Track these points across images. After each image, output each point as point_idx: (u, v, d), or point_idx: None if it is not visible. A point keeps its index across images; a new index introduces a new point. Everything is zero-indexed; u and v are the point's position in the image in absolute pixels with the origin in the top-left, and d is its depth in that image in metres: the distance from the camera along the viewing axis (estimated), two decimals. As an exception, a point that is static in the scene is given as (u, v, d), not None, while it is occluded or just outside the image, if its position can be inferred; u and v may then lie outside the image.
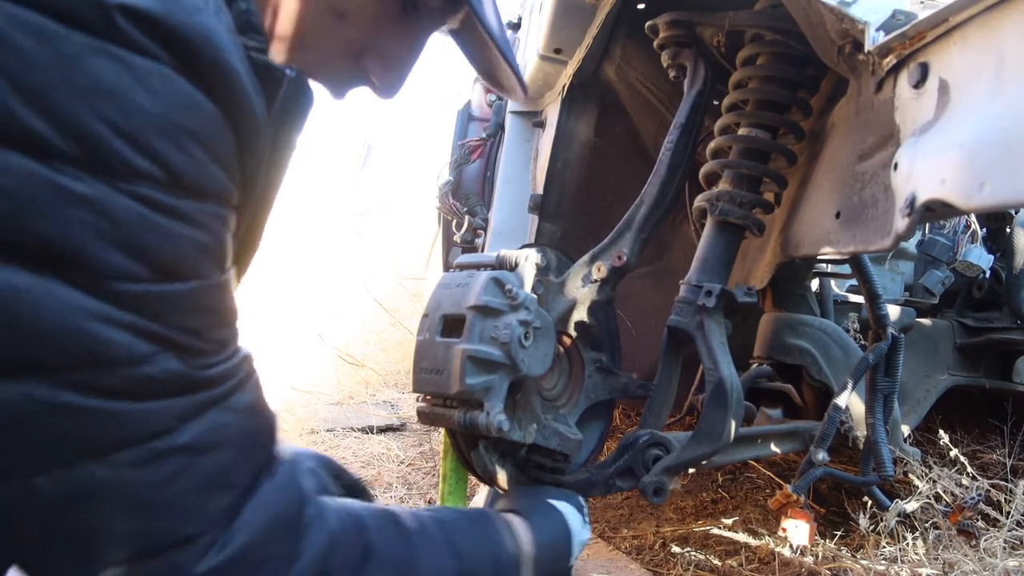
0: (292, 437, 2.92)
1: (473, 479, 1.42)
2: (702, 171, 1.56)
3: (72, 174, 0.53)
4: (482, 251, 2.41)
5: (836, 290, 2.33)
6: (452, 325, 1.20)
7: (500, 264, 1.27)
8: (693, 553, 1.84)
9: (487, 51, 0.94)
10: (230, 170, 0.64)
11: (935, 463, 1.83)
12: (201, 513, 0.62)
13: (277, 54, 0.79)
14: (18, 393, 0.53)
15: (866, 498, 1.67)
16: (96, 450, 0.56)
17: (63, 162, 0.52)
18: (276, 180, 0.80)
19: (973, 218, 2.43)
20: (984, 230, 2.44)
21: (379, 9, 0.84)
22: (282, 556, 0.67)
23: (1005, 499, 1.67)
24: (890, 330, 1.57)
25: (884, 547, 1.62)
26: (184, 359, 0.60)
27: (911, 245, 2.61)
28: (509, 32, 2.80)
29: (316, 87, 0.85)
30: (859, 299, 2.23)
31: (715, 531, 1.98)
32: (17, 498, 0.55)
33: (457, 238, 2.54)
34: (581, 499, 1.20)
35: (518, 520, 1.02)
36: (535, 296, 1.21)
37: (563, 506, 1.12)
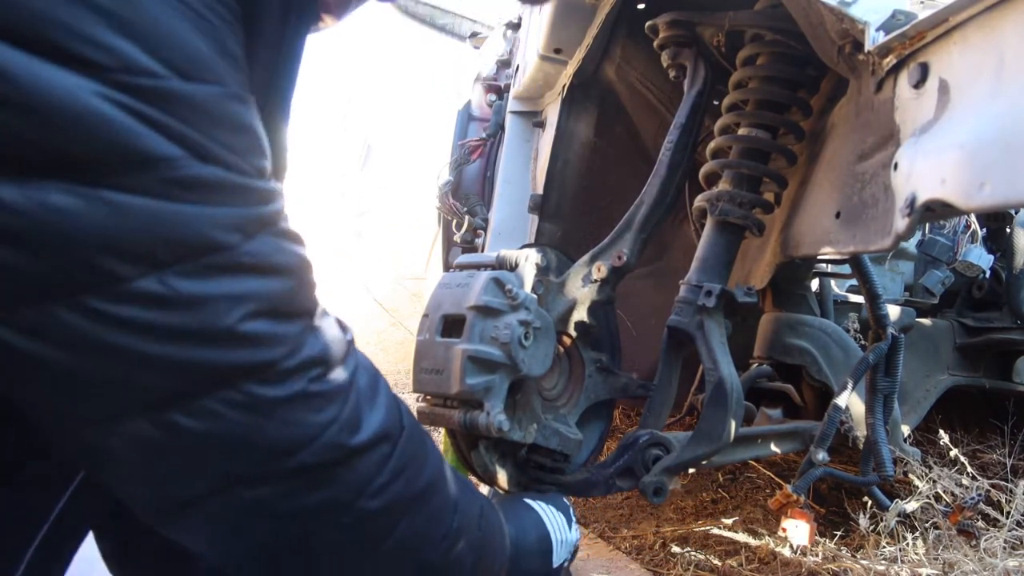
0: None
1: (473, 479, 1.42)
2: (702, 171, 1.56)
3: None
4: (482, 251, 2.41)
5: (836, 290, 2.33)
6: (452, 325, 1.20)
7: (500, 264, 1.27)
8: (693, 553, 1.84)
9: None
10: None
11: (935, 463, 1.83)
12: (273, 339, 0.59)
13: None
14: (47, 196, 0.48)
15: (866, 498, 1.67)
16: (148, 262, 0.51)
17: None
18: (289, 79, 0.75)
19: (973, 218, 2.43)
20: (984, 230, 2.44)
21: None
22: (369, 381, 0.68)
23: (1005, 499, 1.67)
24: (890, 330, 1.57)
25: (884, 547, 1.62)
26: (226, 168, 0.56)
27: (911, 245, 2.61)
28: (509, 32, 2.80)
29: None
30: (859, 299, 2.23)
31: (715, 531, 1.98)
32: (65, 317, 0.50)
33: (457, 238, 2.54)
34: (566, 500, 1.19)
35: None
36: (535, 296, 1.22)
37: (542, 507, 1.12)
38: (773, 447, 1.61)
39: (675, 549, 1.90)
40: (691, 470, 1.41)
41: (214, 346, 0.55)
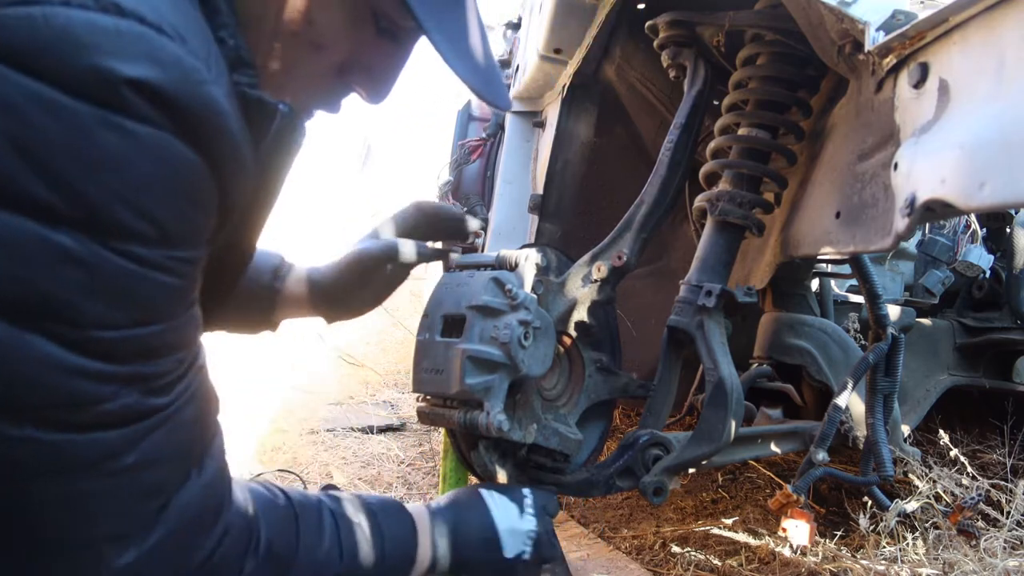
0: (292, 437, 2.93)
1: (473, 479, 1.42)
2: (702, 171, 1.56)
3: (71, 236, 0.57)
4: (482, 251, 2.41)
5: (836, 290, 2.34)
6: (452, 325, 1.20)
7: (500, 264, 1.27)
8: (693, 553, 1.84)
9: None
10: (210, 214, 0.69)
11: (935, 463, 1.83)
12: (134, 516, 0.69)
13: (268, 87, 0.81)
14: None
15: (866, 498, 1.67)
16: (51, 473, 0.62)
17: (65, 226, 0.57)
18: (267, 204, 0.86)
19: (973, 218, 2.44)
20: (984, 230, 2.45)
21: (354, 35, 0.86)
22: (188, 548, 0.74)
23: (1005, 499, 1.67)
24: (890, 330, 1.57)
25: (884, 547, 1.62)
26: (142, 391, 0.66)
27: (911, 245, 2.62)
28: (509, 32, 2.80)
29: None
30: (859, 299, 2.23)
31: (715, 531, 1.98)
32: None
33: (457, 238, 2.54)
34: (529, 492, 1.16)
35: (427, 515, 1.05)
36: (535, 296, 1.21)
37: (491, 496, 1.12)
38: (773, 447, 1.61)
39: (675, 549, 1.89)
40: (691, 470, 1.40)
41: (83, 524, 0.67)
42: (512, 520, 1.10)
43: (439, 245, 1.28)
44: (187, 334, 0.72)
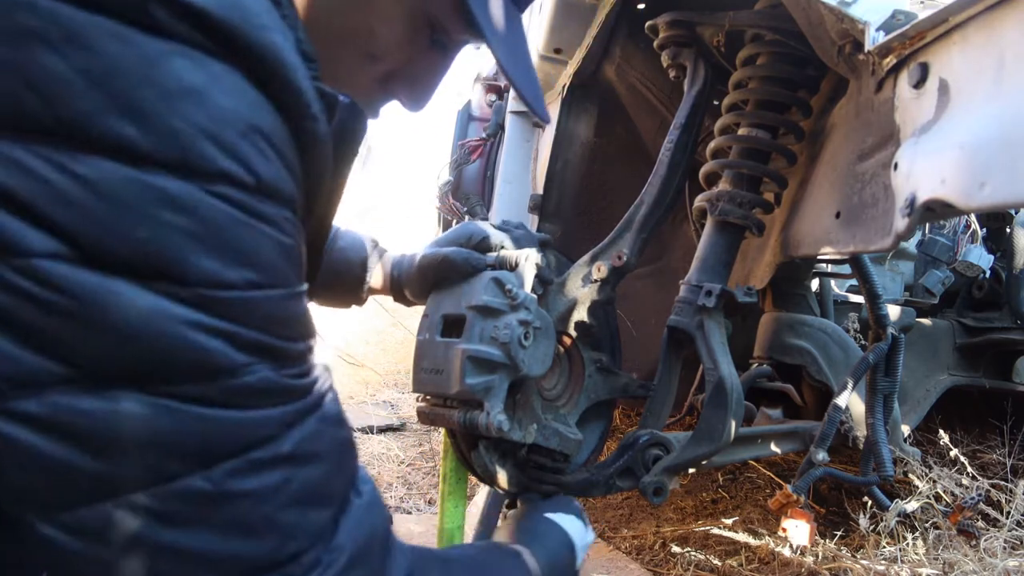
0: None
1: (473, 479, 1.42)
2: (702, 171, 1.56)
3: (165, 177, 0.52)
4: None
5: (836, 290, 2.34)
6: (452, 325, 1.20)
7: (500, 264, 1.27)
8: (693, 553, 1.84)
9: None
10: (297, 180, 0.64)
11: (935, 463, 1.83)
12: (303, 529, 0.60)
13: None
14: (119, 404, 0.51)
15: (866, 498, 1.67)
16: (198, 461, 0.54)
17: (154, 166, 0.52)
18: (334, 203, 0.82)
19: (973, 218, 2.44)
20: (984, 230, 2.45)
21: (410, 46, 0.84)
22: (380, 560, 0.68)
23: (1005, 499, 1.67)
24: (890, 330, 1.57)
25: (884, 547, 1.62)
26: (278, 368, 0.59)
27: (911, 245, 2.62)
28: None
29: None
30: (859, 299, 2.24)
31: (715, 531, 1.98)
32: (116, 515, 0.52)
33: (457, 238, 2.54)
34: (577, 503, 1.21)
35: (523, 549, 1.04)
36: (535, 296, 1.21)
37: (561, 518, 1.13)
38: (773, 447, 1.61)
39: (675, 549, 1.90)
40: (691, 470, 1.40)
41: (253, 538, 0.57)
42: (581, 535, 1.13)
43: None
44: (306, 311, 0.65)
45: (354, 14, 0.79)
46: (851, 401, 1.59)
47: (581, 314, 1.38)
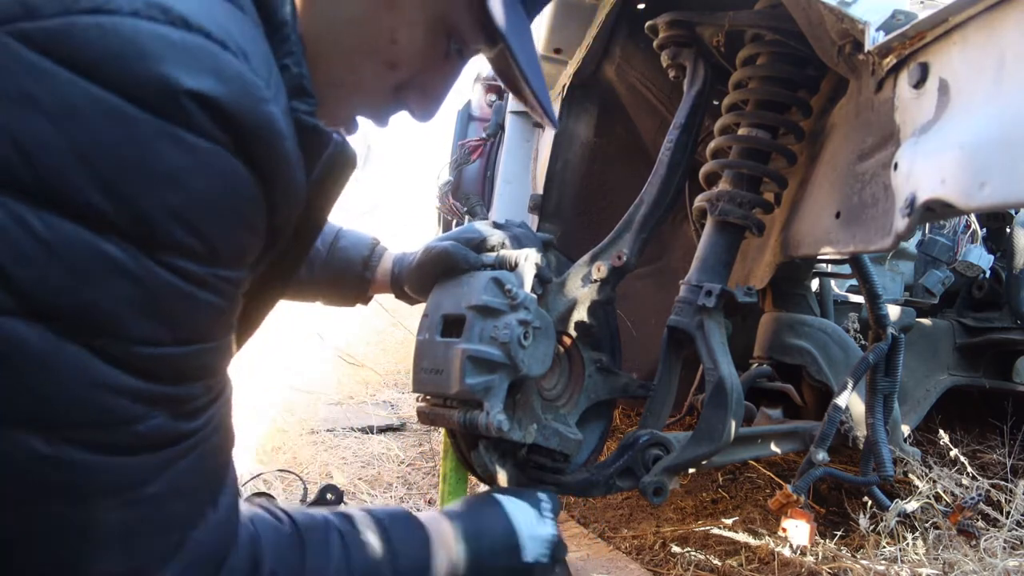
0: (292, 437, 2.93)
1: (473, 479, 1.42)
2: (702, 171, 1.56)
3: (122, 248, 0.57)
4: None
5: (836, 290, 2.34)
6: (452, 325, 1.20)
7: (500, 264, 1.27)
8: (693, 553, 1.84)
9: (519, 82, 0.96)
10: (259, 235, 0.69)
11: (935, 463, 1.83)
12: (150, 550, 0.66)
13: (329, 100, 0.82)
14: (18, 443, 0.57)
15: (866, 498, 1.67)
16: (72, 497, 0.60)
17: (116, 236, 0.57)
18: (313, 228, 0.87)
19: (973, 218, 2.44)
20: (984, 230, 2.45)
21: (428, 55, 0.87)
22: None
23: (1005, 499, 1.67)
24: (890, 330, 1.57)
25: (884, 547, 1.62)
26: (173, 414, 0.65)
27: (911, 245, 2.62)
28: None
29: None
30: (859, 299, 2.24)
31: (715, 531, 1.98)
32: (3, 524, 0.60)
33: (457, 238, 2.54)
34: (545, 497, 1.16)
35: (444, 523, 1.03)
36: (535, 296, 1.21)
37: (508, 501, 1.10)
38: (773, 447, 1.61)
39: (675, 549, 1.90)
40: (691, 470, 1.40)
41: (106, 555, 0.64)
42: (532, 525, 1.09)
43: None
44: (220, 361, 0.71)
45: (376, 22, 0.81)
46: (851, 401, 1.59)
47: (581, 314, 1.38)
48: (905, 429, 1.86)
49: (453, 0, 0.84)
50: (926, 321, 2.30)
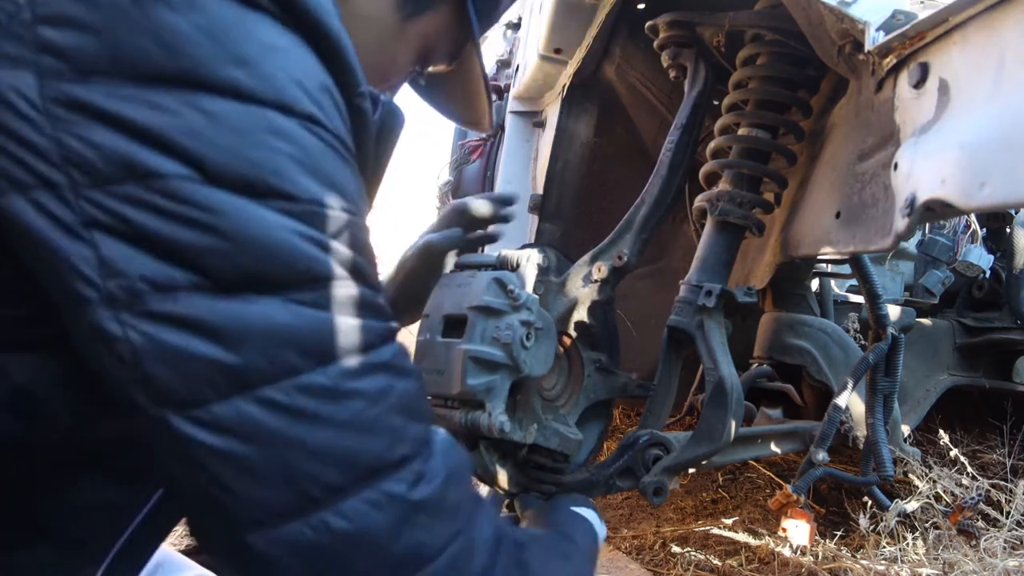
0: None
1: (473, 479, 1.42)
2: (702, 171, 1.56)
3: (269, 111, 0.58)
4: (483, 251, 2.41)
5: (836, 290, 2.34)
6: (453, 325, 1.20)
7: (501, 264, 1.27)
8: (693, 553, 1.84)
9: (469, 87, 1.07)
10: (351, 144, 0.69)
11: (935, 463, 1.84)
12: (408, 436, 0.65)
13: None
14: (247, 305, 0.57)
15: (866, 498, 1.67)
16: (317, 359, 0.60)
17: (259, 104, 0.58)
18: (371, 194, 0.85)
19: (973, 218, 2.44)
20: (984, 230, 2.45)
21: (406, 72, 0.97)
22: (471, 503, 0.70)
23: (1005, 499, 1.67)
24: (890, 330, 1.58)
25: (884, 547, 1.62)
26: (365, 288, 0.64)
27: (911, 245, 2.62)
28: (509, 32, 2.80)
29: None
30: (859, 299, 2.24)
31: (715, 531, 1.98)
32: (247, 409, 0.57)
33: (457, 238, 2.54)
34: (588, 499, 1.22)
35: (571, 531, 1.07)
36: (537, 296, 1.21)
37: (586, 512, 1.14)
38: (773, 447, 1.61)
39: (675, 549, 1.90)
40: (691, 470, 1.40)
41: (367, 436, 0.62)
42: (601, 529, 1.15)
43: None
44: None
45: (386, 47, 0.89)
46: (851, 401, 1.59)
47: (581, 314, 1.38)
48: (905, 429, 1.86)
49: (443, 32, 0.93)
50: (926, 321, 2.30)
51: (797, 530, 1.45)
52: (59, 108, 0.53)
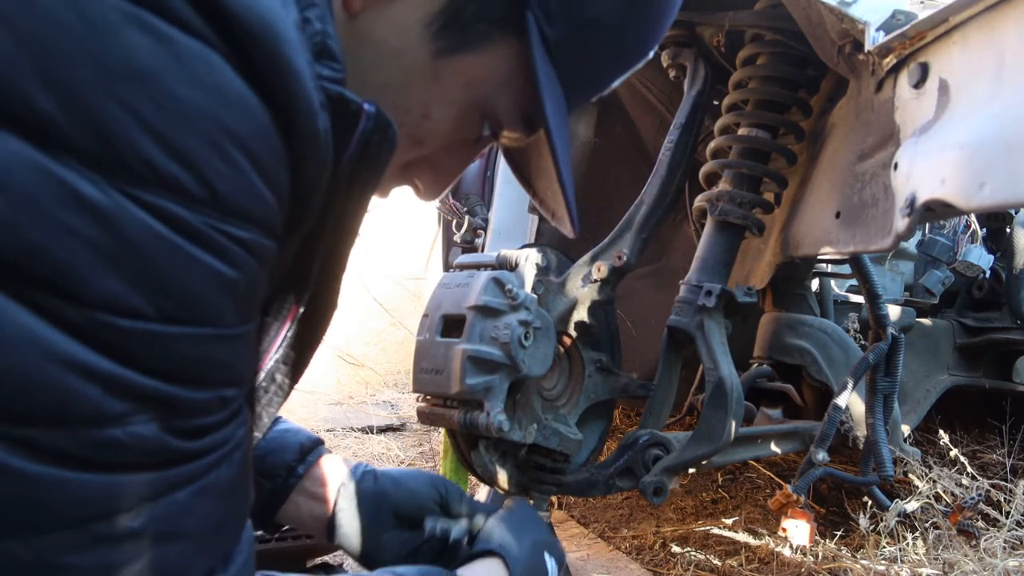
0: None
1: (473, 479, 1.42)
2: (702, 171, 1.56)
3: (80, 172, 0.41)
4: (482, 251, 2.41)
5: (836, 290, 2.33)
6: (452, 325, 1.20)
7: (500, 264, 1.27)
8: (693, 553, 1.84)
9: (544, 176, 0.86)
10: (279, 191, 0.52)
11: (935, 463, 1.83)
12: None
13: None
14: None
15: (866, 498, 1.67)
16: (25, 527, 0.43)
17: (71, 156, 0.41)
18: (351, 229, 0.67)
19: (973, 218, 2.44)
20: (984, 230, 2.45)
21: (454, 136, 0.76)
22: None
23: (1005, 499, 1.67)
24: (890, 330, 1.58)
25: (884, 547, 1.62)
26: (165, 423, 0.47)
27: (911, 245, 2.62)
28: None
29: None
30: (859, 299, 2.23)
31: (715, 531, 1.98)
32: None
33: (457, 238, 2.54)
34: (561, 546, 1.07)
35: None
36: (535, 296, 1.21)
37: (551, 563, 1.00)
38: (773, 447, 1.61)
39: (675, 549, 1.90)
40: (691, 470, 1.40)
41: None
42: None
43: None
44: (238, 361, 0.53)
45: (415, 93, 0.70)
46: (851, 401, 1.59)
47: (581, 314, 1.38)
48: (905, 429, 1.86)
49: (501, 85, 0.72)
50: (926, 321, 2.30)
51: (797, 530, 1.45)
52: None
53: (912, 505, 1.63)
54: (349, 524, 1.00)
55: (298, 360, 0.72)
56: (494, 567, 0.93)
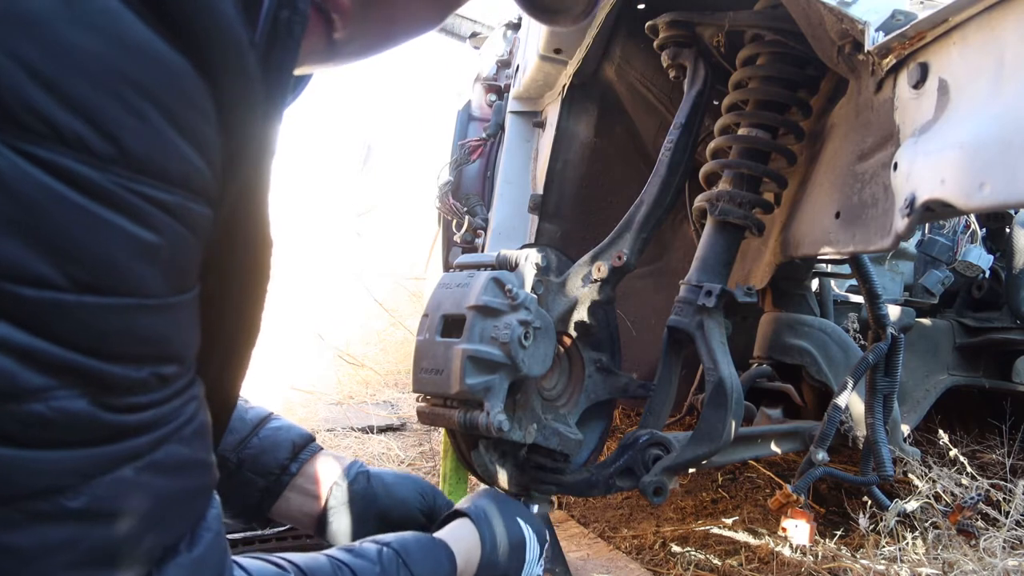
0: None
1: (473, 479, 1.42)
2: (702, 171, 1.56)
3: None
4: (482, 251, 2.41)
5: (836, 290, 2.33)
6: (452, 325, 1.20)
7: (500, 264, 1.27)
8: (693, 553, 1.84)
9: None
10: (205, 151, 0.47)
11: (935, 463, 1.83)
12: None
13: None
14: None
15: (866, 498, 1.67)
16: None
17: None
18: (264, 160, 0.57)
19: (973, 218, 2.44)
20: (984, 230, 2.45)
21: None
22: None
23: (1005, 499, 1.67)
24: (890, 330, 1.57)
25: (884, 547, 1.62)
26: (95, 399, 0.45)
27: (911, 245, 2.62)
28: (508, 32, 2.80)
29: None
30: (859, 299, 2.23)
31: (715, 531, 1.98)
32: None
33: (457, 238, 2.54)
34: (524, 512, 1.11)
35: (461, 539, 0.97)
36: (535, 296, 1.22)
37: (527, 528, 1.05)
38: (773, 447, 1.61)
39: (675, 549, 1.90)
40: (691, 470, 1.40)
41: None
42: (535, 552, 1.06)
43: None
44: (176, 334, 0.49)
45: None
46: (851, 401, 1.59)
47: (581, 314, 1.38)
48: (905, 429, 1.86)
49: None
50: (926, 321, 2.30)
51: (797, 530, 1.45)
52: None
53: (912, 505, 1.63)
54: (339, 523, 1.04)
55: None
56: (462, 524, 0.99)
